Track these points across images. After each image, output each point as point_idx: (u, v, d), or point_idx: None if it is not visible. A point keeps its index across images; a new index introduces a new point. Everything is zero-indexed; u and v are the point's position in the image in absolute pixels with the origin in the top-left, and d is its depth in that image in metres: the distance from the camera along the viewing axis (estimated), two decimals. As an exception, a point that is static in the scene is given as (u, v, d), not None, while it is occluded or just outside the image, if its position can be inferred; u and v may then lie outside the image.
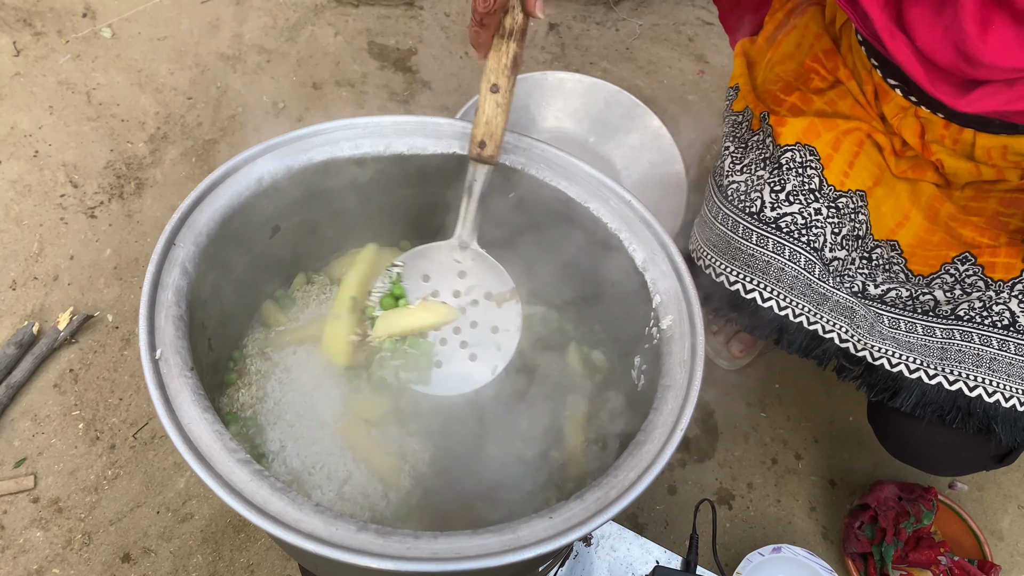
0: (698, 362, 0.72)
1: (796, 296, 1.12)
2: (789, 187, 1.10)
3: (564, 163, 0.85)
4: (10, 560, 1.34)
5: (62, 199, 1.69)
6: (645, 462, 0.67)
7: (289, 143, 0.83)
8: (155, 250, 0.73)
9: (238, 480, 0.63)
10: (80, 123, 1.79)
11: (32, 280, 1.59)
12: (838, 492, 1.47)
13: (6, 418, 1.45)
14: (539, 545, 0.62)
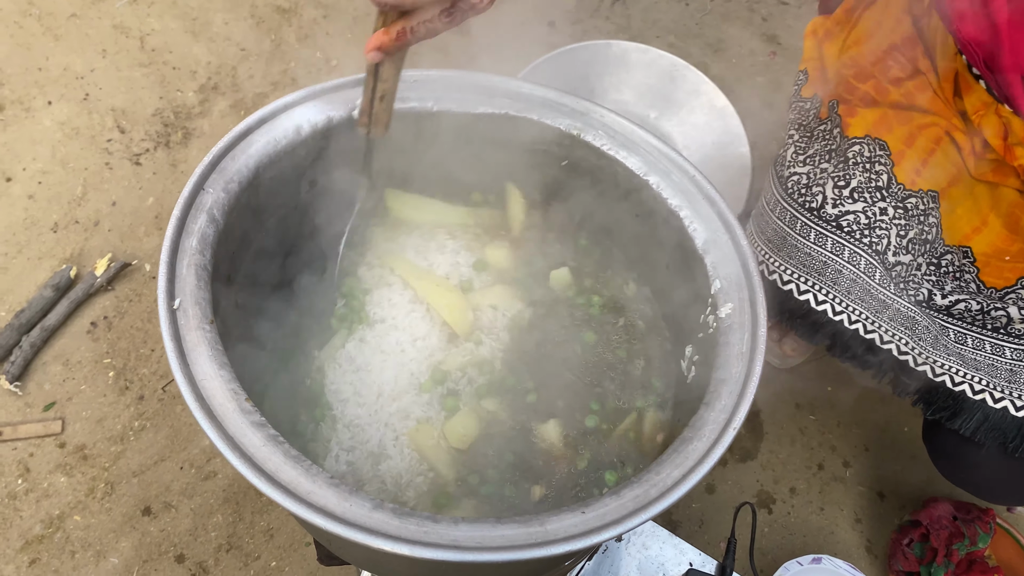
0: (758, 356, 0.65)
1: (853, 301, 1.04)
2: (854, 183, 1.01)
3: (624, 131, 0.79)
4: (33, 503, 1.33)
5: (108, 144, 1.67)
6: (691, 461, 0.61)
7: (332, 91, 0.77)
8: (183, 193, 0.68)
9: (250, 443, 0.59)
10: (132, 68, 1.77)
11: (73, 224, 1.57)
12: (887, 505, 1.39)
13: (38, 360, 1.44)
14: (567, 542, 0.56)
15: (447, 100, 0.79)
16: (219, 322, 0.64)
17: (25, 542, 1.30)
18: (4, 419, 1.38)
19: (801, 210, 1.05)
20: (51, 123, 1.68)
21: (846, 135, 1.04)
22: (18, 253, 1.53)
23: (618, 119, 0.79)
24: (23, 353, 1.41)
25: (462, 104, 0.79)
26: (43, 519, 1.31)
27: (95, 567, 1.28)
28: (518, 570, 0.71)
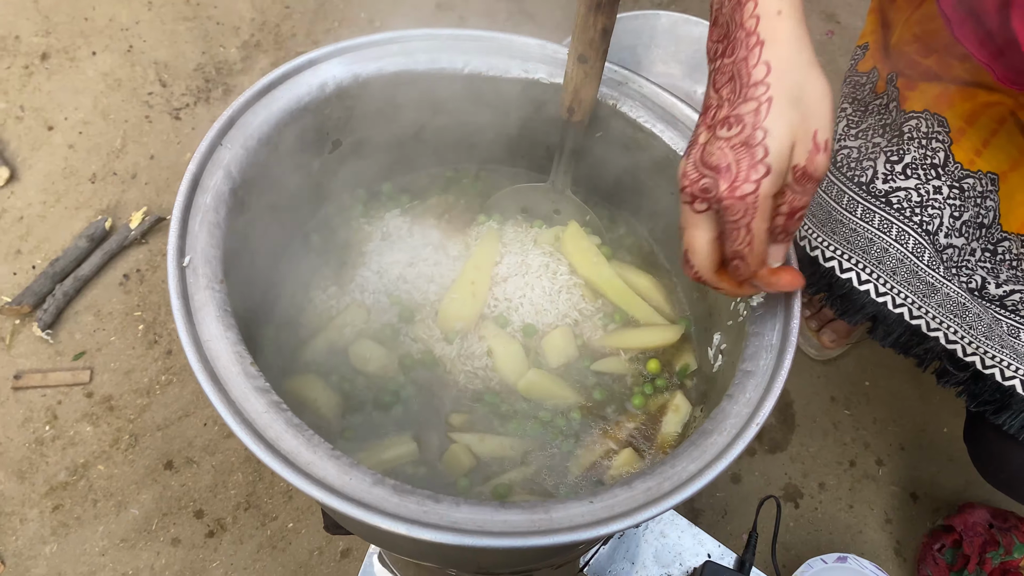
0: (788, 349, 0.62)
1: (899, 283, 0.99)
2: (908, 159, 0.96)
3: (663, 103, 0.75)
4: (59, 450, 1.34)
5: (149, 97, 1.66)
6: (710, 455, 0.57)
7: (360, 48, 0.75)
8: (199, 148, 0.66)
9: (251, 409, 0.57)
10: (176, 22, 1.76)
11: (111, 175, 1.57)
12: (919, 507, 1.34)
13: (70, 310, 1.45)
14: (571, 532, 0.54)
15: (477, 63, 0.76)
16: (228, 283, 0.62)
17: (50, 488, 1.31)
18: (35, 366, 1.40)
19: (849, 184, 1.00)
20: (94, 74, 1.68)
21: (903, 108, 0.99)
22: (56, 202, 1.54)
23: (657, 90, 0.75)
24: (56, 302, 1.42)
25: (493, 68, 0.76)
26: (68, 466, 1.33)
27: (116, 517, 1.30)
28: (523, 555, 0.68)
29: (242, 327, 0.61)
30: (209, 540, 1.29)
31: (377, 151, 0.82)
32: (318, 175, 0.79)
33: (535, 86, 0.77)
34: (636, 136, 0.75)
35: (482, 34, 0.77)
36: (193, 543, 1.28)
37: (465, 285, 0.78)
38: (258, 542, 1.29)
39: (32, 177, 1.56)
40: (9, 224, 1.51)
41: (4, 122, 1.60)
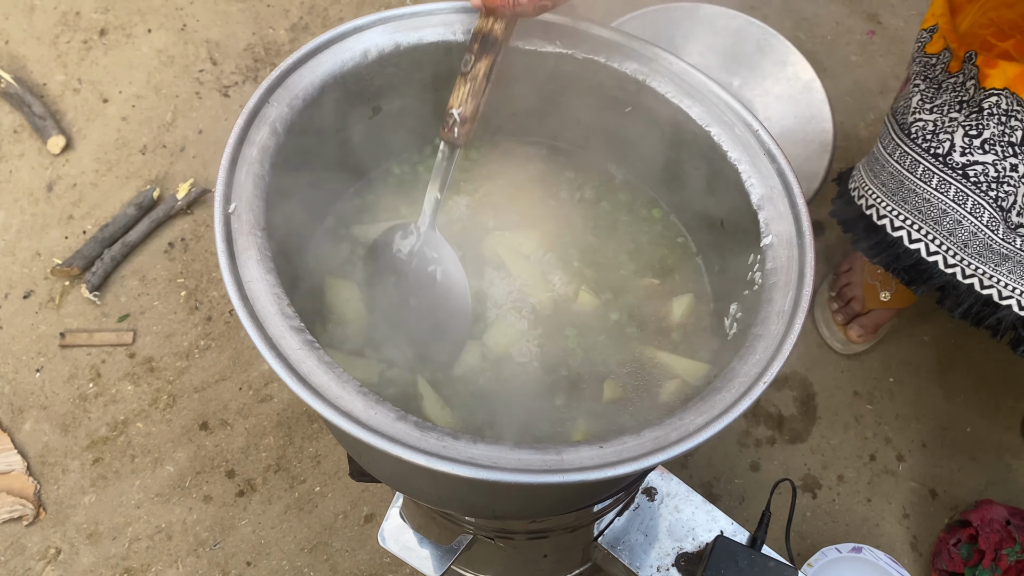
0: (799, 315, 0.64)
1: (969, 255, 1.00)
2: (987, 134, 0.97)
3: (691, 79, 0.78)
4: (101, 407, 1.40)
5: (200, 74, 1.72)
6: (716, 410, 0.60)
7: (402, 18, 0.78)
8: (247, 104, 0.70)
9: (287, 346, 0.61)
10: (229, 3, 1.82)
11: (161, 148, 1.63)
12: (938, 504, 1.34)
13: (117, 274, 1.51)
14: (581, 472, 0.56)
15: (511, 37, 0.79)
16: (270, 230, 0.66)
17: (91, 442, 1.37)
18: (82, 325, 1.46)
19: (925, 155, 1.01)
20: (149, 50, 1.74)
21: (983, 86, 1.00)
22: (108, 171, 1.60)
23: (686, 67, 0.78)
24: (104, 265, 1.48)
25: (529, 43, 0.79)
26: (109, 422, 1.39)
27: (151, 472, 1.35)
28: (537, 498, 0.72)
29: (282, 271, 0.65)
30: (239, 499, 1.34)
31: (417, 119, 0.86)
32: (359, 138, 0.82)
33: (568, 59, 0.80)
34: (661, 110, 0.78)
35: (518, 9, 0.80)
36: (224, 501, 1.33)
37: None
38: (286, 503, 1.33)
39: (86, 147, 1.62)
40: (63, 191, 1.57)
41: (62, 94, 1.67)
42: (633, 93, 0.80)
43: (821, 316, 1.46)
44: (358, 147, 0.84)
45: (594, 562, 1.15)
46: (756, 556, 0.97)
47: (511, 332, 0.80)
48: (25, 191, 1.57)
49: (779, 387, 1.43)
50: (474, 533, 0.94)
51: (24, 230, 1.53)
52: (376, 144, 0.86)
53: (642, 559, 1.05)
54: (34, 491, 1.32)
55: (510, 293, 0.82)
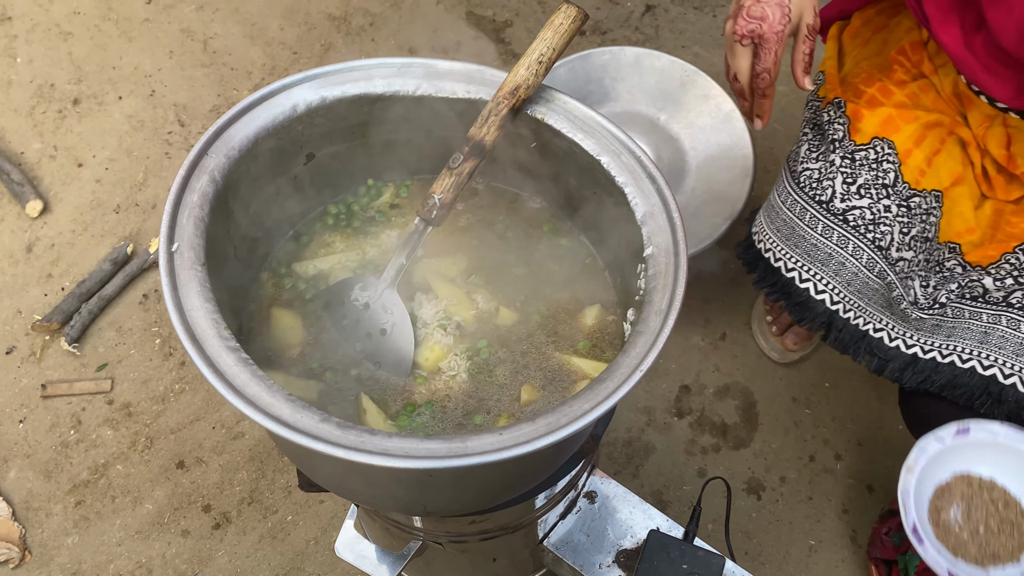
0: (672, 312, 0.73)
1: (852, 292, 1.11)
2: (861, 180, 1.08)
3: (583, 116, 0.88)
4: (82, 452, 1.48)
5: (169, 135, 1.83)
6: (600, 397, 0.69)
7: (327, 75, 0.88)
8: (188, 156, 0.80)
9: (224, 364, 0.69)
10: (194, 68, 1.93)
11: (134, 206, 1.73)
12: (875, 498, 1.43)
13: (95, 326, 1.60)
14: (481, 455, 0.65)
15: (426, 86, 0.89)
16: (210, 264, 0.76)
17: (73, 485, 1.45)
18: (62, 376, 1.54)
19: (812, 202, 1.11)
20: (120, 116, 1.86)
21: (853, 139, 1.11)
22: (84, 230, 1.70)
23: (578, 105, 0.88)
24: (82, 319, 1.57)
25: (440, 90, 0.90)
26: (90, 466, 1.46)
27: (132, 511, 1.42)
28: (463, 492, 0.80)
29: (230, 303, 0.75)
30: (216, 532, 1.41)
31: (348, 162, 0.96)
32: (296, 182, 0.92)
33: (478, 105, 0.90)
34: (560, 144, 0.88)
35: (430, 61, 0.90)
36: (201, 534, 1.41)
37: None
38: (260, 533, 1.40)
39: (63, 209, 1.72)
40: (42, 251, 1.67)
41: (39, 160, 1.78)
42: (535, 131, 0.90)
43: (758, 328, 1.56)
44: (296, 190, 0.94)
45: (547, 568, 1.22)
46: (687, 547, 1.05)
47: (438, 348, 0.89)
48: (5, 254, 1.66)
49: (722, 397, 1.52)
50: (423, 539, 1.02)
51: (5, 290, 1.62)
52: (312, 187, 0.95)
53: (586, 559, 1.12)
54: (19, 535, 1.39)
55: (437, 313, 0.91)
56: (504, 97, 0.85)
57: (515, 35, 1.99)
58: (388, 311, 0.88)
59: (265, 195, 0.90)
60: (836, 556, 1.37)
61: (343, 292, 0.90)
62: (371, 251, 0.96)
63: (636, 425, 1.49)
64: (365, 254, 0.95)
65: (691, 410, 1.51)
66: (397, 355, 0.88)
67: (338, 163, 0.95)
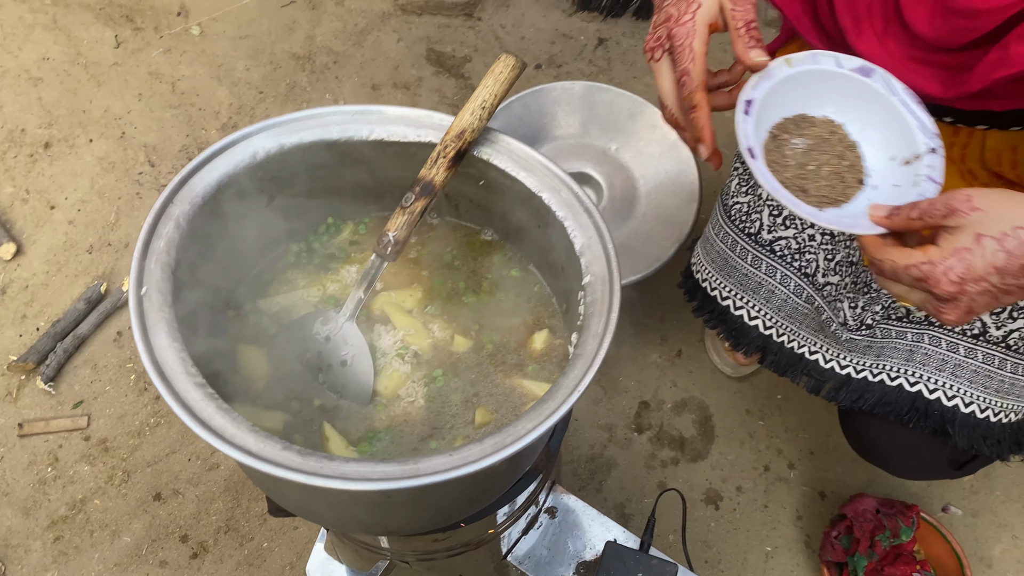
0: (607, 336, 0.79)
1: (783, 317, 1.17)
2: (786, 211, 1.14)
3: (525, 155, 0.94)
4: (60, 488, 1.51)
5: (140, 176, 1.88)
6: (541, 417, 0.75)
7: (285, 124, 0.94)
8: (154, 205, 0.85)
9: (191, 399, 0.74)
10: (163, 110, 1.99)
11: (106, 246, 1.78)
12: (827, 504, 1.49)
13: (70, 364, 1.63)
14: (433, 475, 0.71)
15: (379, 131, 0.95)
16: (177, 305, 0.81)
17: (51, 522, 1.48)
18: (38, 415, 1.58)
19: (742, 235, 1.18)
20: (91, 158, 1.90)
21: None
22: (58, 271, 1.74)
23: (521, 146, 0.95)
24: (57, 358, 1.61)
25: (393, 134, 0.96)
26: (68, 502, 1.50)
27: (110, 544, 1.46)
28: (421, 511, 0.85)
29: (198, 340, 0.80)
30: (193, 561, 1.45)
31: (307, 203, 1.02)
32: (259, 223, 0.98)
33: (427, 147, 0.96)
34: (504, 181, 0.95)
35: (382, 108, 0.96)
36: (179, 564, 1.44)
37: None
38: (236, 561, 1.44)
39: (36, 251, 1.76)
40: (16, 292, 1.71)
41: (12, 204, 1.82)
42: (482, 169, 0.96)
43: (711, 345, 1.63)
44: (258, 231, 0.99)
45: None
46: (642, 557, 1.11)
47: (397, 376, 0.95)
48: (-20, 296, 1.70)
49: (679, 412, 1.58)
50: (390, 558, 1.07)
51: (-19, 332, 1.66)
52: (274, 227, 1.01)
53: (548, 572, 1.18)
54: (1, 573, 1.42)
55: (395, 343, 0.97)
56: (451, 140, 0.91)
57: (474, 70, 2.06)
58: (348, 343, 0.94)
59: (229, 237, 0.95)
60: (791, 561, 1.44)
61: (305, 326, 0.96)
62: (332, 286, 1.02)
63: (598, 442, 1.55)
64: (326, 289, 1.01)
65: (650, 425, 1.57)
66: (357, 385, 0.93)
67: (298, 204, 1.01)
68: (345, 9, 2.18)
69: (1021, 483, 1.52)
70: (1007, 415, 1.09)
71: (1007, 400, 1.08)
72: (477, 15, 2.14)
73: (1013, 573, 1.44)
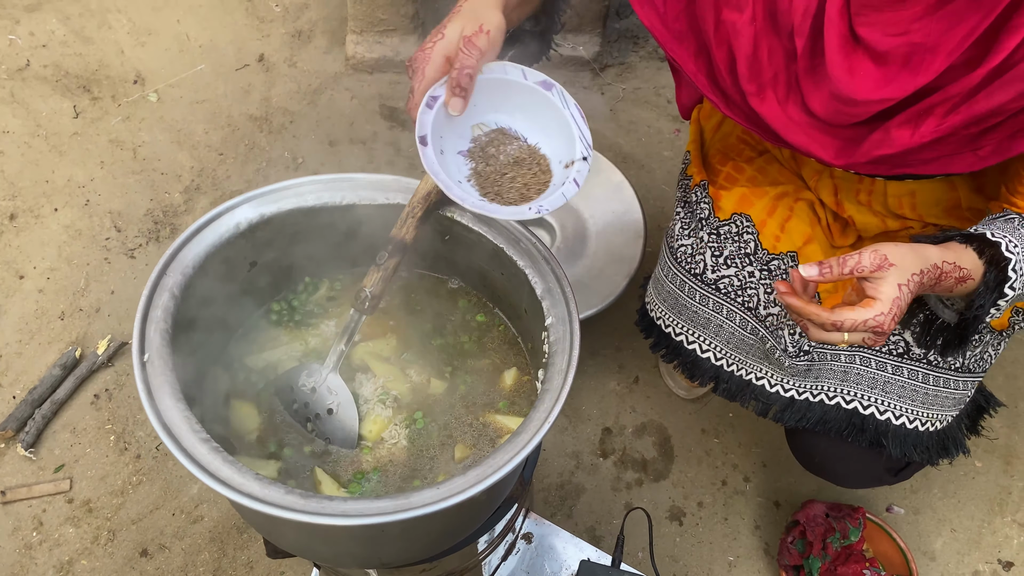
0: (571, 371, 0.89)
1: (731, 349, 1.28)
2: (727, 252, 1.25)
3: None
4: (46, 552, 1.55)
5: (107, 242, 1.94)
6: (517, 448, 0.84)
7: (264, 195, 1.03)
8: (150, 277, 0.93)
9: (198, 453, 0.82)
10: (126, 176, 2.05)
11: (78, 312, 1.83)
12: (782, 512, 1.60)
13: (49, 430, 1.68)
14: (424, 507, 0.79)
15: (351, 196, 1.04)
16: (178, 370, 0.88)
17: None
18: (20, 481, 1.61)
19: (688, 275, 1.29)
20: (57, 227, 1.96)
21: (716, 216, 1.28)
22: (30, 339, 1.78)
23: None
24: (36, 424, 1.65)
25: (363, 199, 1.05)
26: (55, 565, 1.53)
27: (100, 603, 1.50)
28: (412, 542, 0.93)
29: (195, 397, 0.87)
30: (183, 613, 1.49)
31: (287, 266, 1.10)
32: (243, 286, 1.06)
33: (396, 208, 1.06)
34: (470, 236, 1.04)
35: (354, 176, 1.06)
36: (169, 617, 1.49)
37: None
38: (226, 609, 1.49)
39: (8, 321, 1.80)
40: (-10, 364, 1.74)
41: (-19, 276, 1.86)
42: (447, 225, 1.06)
43: (665, 371, 1.74)
44: (242, 294, 1.07)
45: (496, 607, 1.35)
46: (615, 572, 1.20)
47: (380, 420, 1.03)
48: (-45, 369, 1.73)
49: (640, 435, 1.68)
50: (380, 592, 1.14)
51: (-43, 404, 1.69)
52: (256, 289, 1.09)
53: (528, 594, 1.26)
54: (-9, 639, 1.45)
55: (375, 389, 1.06)
56: (418, 202, 1.01)
57: (425, 122, 2.17)
58: (333, 392, 1.02)
59: (217, 301, 1.03)
60: (752, 568, 1.54)
61: (291, 379, 1.04)
62: (313, 341, 1.10)
63: (566, 469, 1.64)
64: (308, 344, 1.10)
65: (614, 450, 1.67)
66: (344, 431, 1.01)
67: (278, 267, 1.10)
68: (298, 70, 2.28)
69: (956, 481, 1.65)
70: (932, 424, 1.21)
71: (931, 410, 1.20)
72: (425, 70, 2.25)
73: (954, 564, 1.55)
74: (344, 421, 1.01)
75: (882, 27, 0.91)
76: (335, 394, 1.02)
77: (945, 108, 0.91)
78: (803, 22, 0.95)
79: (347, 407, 1.02)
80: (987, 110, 0.89)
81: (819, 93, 0.99)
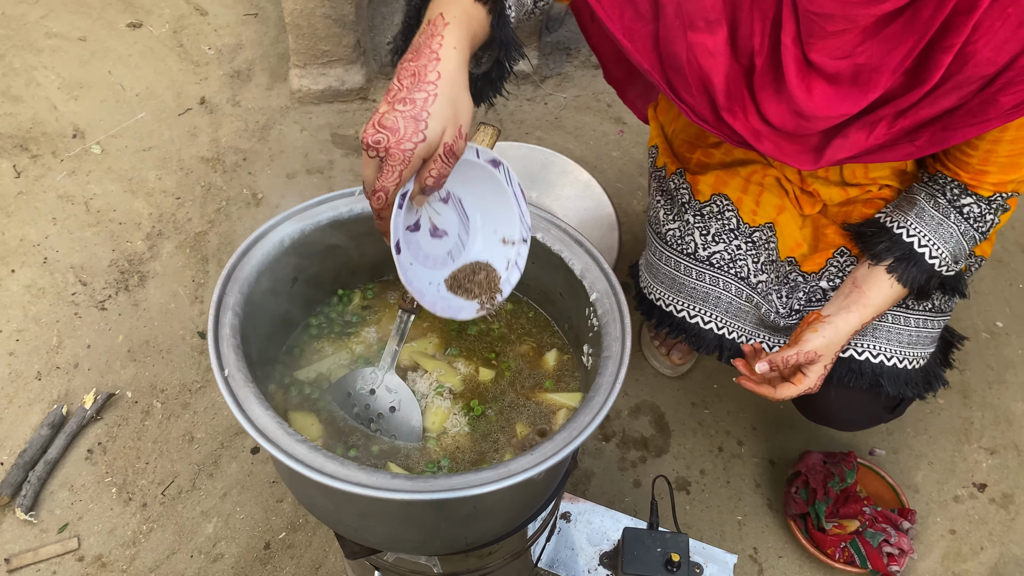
0: (627, 336, 0.96)
1: (731, 318, 1.38)
2: (713, 230, 1.36)
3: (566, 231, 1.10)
4: (63, 613, 1.51)
5: (74, 296, 1.90)
6: (594, 411, 0.90)
7: (303, 210, 1.07)
8: (213, 297, 0.96)
9: (299, 453, 0.85)
10: (82, 229, 2.02)
11: (55, 370, 1.79)
12: (777, 469, 1.71)
13: (46, 491, 1.63)
14: (482, 486, 0.80)
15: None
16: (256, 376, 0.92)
17: (63, 647, 1.47)
18: (24, 547, 1.57)
19: (681, 255, 1.38)
20: (17, 288, 1.91)
21: (697, 199, 1.39)
22: (9, 403, 1.73)
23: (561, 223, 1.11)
24: (32, 487, 1.61)
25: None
26: (76, 625, 1.49)
27: (131, 655, 1.47)
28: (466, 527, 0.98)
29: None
30: (219, 652, 1.48)
31: (323, 280, 1.14)
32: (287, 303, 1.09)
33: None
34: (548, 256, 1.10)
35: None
36: (206, 658, 1.47)
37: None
38: (263, 641, 1.49)
39: (-18, 387, 1.75)
40: (-29, 432, 1.68)
41: (-55, 346, 1.79)
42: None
43: (648, 352, 1.83)
44: (285, 310, 1.10)
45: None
46: (656, 534, 1.27)
47: (441, 412, 1.08)
48: (-67, 443, 1.67)
49: (636, 416, 1.77)
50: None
51: (-58, 478, 1.63)
52: (295, 306, 1.13)
53: (575, 569, 1.32)
54: None
55: (430, 384, 1.10)
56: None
57: (378, 147, 2.21)
58: (393, 391, 1.06)
59: (265, 319, 1.06)
60: (760, 523, 1.64)
61: (347, 385, 1.08)
62: (357, 348, 1.14)
63: (572, 458, 1.71)
64: (354, 351, 1.13)
65: (614, 432, 1.75)
66: (408, 426, 1.06)
67: (314, 282, 1.13)
68: (243, 109, 2.29)
69: (925, 419, 1.80)
70: (916, 362, 1.34)
71: (914, 349, 1.34)
72: (371, 97, 2.31)
73: (936, 492, 1.70)
74: (408, 416, 1.06)
75: (829, 52, 1.04)
76: (395, 392, 1.07)
77: (895, 115, 1.07)
78: (762, 44, 1.07)
79: (409, 403, 1.06)
80: (931, 115, 1.05)
81: (778, 107, 1.12)
